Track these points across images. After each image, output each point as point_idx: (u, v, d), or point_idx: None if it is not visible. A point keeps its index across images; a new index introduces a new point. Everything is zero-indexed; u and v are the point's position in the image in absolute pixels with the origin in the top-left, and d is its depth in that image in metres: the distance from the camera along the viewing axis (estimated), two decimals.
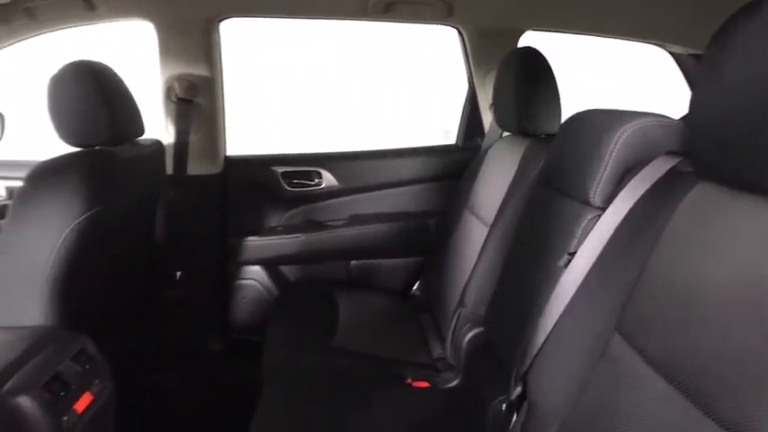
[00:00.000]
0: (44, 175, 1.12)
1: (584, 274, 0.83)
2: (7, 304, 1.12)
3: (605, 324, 0.76)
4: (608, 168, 0.86)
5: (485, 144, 1.70)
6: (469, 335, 1.23)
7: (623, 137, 0.85)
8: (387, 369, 1.32)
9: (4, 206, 1.70)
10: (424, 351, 1.45)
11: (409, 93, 4.58)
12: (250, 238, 1.82)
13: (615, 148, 0.85)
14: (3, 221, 1.12)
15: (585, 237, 0.86)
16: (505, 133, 1.58)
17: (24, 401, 0.92)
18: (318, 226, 1.86)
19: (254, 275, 1.86)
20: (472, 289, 1.27)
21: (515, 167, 1.29)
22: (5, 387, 0.92)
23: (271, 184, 1.83)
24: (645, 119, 0.86)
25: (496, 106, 1.49)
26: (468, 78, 1.86)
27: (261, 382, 1.29)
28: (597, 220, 0.86)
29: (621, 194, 0.83)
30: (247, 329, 1.88)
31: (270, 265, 1.86)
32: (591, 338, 0.79)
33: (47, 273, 1.12)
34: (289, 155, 1.88)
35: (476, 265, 1.28)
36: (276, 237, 1.84)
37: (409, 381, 1.27)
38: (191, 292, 1.79)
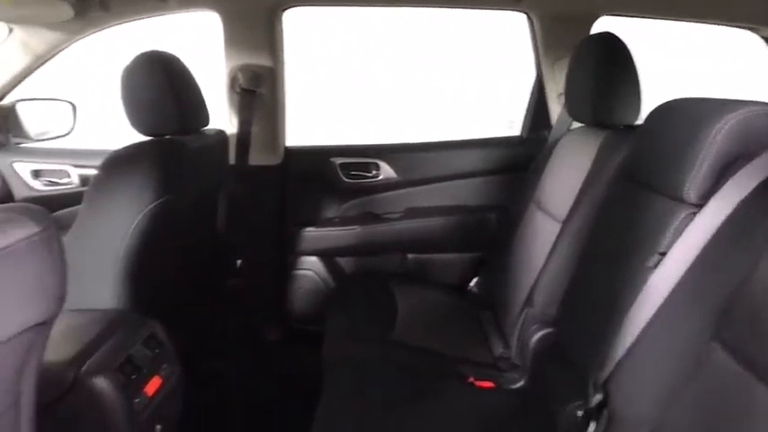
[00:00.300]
0: (117, 164, 1.15)
1: (678, 277, 0.76)
2: (81, 288, 1.16)
3: (701, 331, 0.70)
4: (706, 162, 0.78)
5: (553, 136, 1.63)
6: (538, 335, 1.18)
7: (725, 128, 0.77)
8: (448, 366, 1.29)
9: (78, 193, 1.78)
10: (484, 349, 1.41)
11: (472, 82, 4.42)
12: (308, 228, 1.83)
13: (715, 140, 0.77)
14: (80, 207, 1.16)
15: (678, 236, 0.80)
16: (575, 124, 1.50)
17: (101, 382, 0.94)
18: (375, 218, 1.84)
19: (311, 266, 1.87)
20: (542, 288, 1.21)
21: (590, 160, 1.21)
22: (83, 368, 0.94)
23: (329, 176, 1.83)
24: (749, 108, 0.78)
25: (568, 96, 1.42)
26: (537, 66, 1.78)
27: (319, 373, 1.29)
28: (692, 219, 0.80)
29: (723, 191, 0.76)
30: (304, 319, 1.89)
31: (326, 256, 1.85)
32: (684, 345, 0.73)
33: (119, 258, 1.15)
34: (347, 146, 1.87)
35: (545, 263, 1.22)
36: (333, 228, 1.83)
37: (472, 379, 1.23)
38: (250, 282, 1.81)
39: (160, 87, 1.24)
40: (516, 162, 1.76)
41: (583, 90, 1.29)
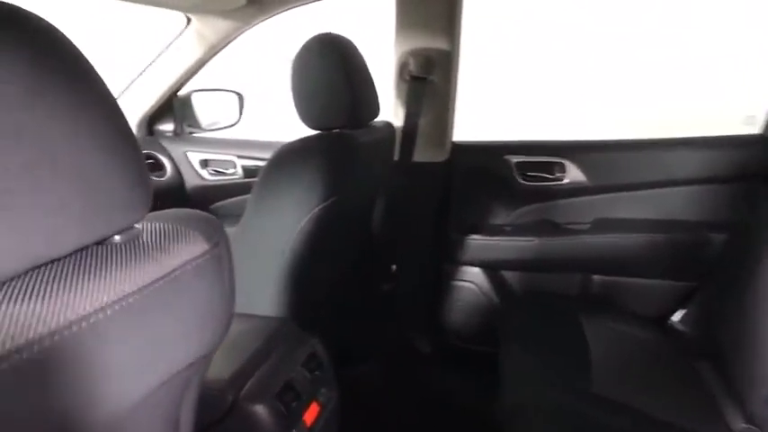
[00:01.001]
0: (284, 161, 1.03)
1: None
2: (243, 290, 1.07)
3: None
4: None
5: None
6: None
7: None
8: None
9: (242, 183, 1.76)
10: (714, 417, 1.07)
11: (700, 70, 3.53)
12: (472, 236, 1.60)
13: None
14: (247, 203, 1.06)
15: None
16: None
17: (260, 410, 0.82)
18: (555, 229, 1.56)
19: (473, 278, 1.64)
20: None
21: None
22: (242, 392, 0.83)
23: (502, 176, 1.58)
24: None
25: None
26: None
27: (470, 393, 1.06)
28: None
29: None
30: (460, 335, 1.69)
31: (492, 268, 1.62)
32: None
33: (282, 262, 1.04)
34: (526, 142, 1.60)
35: None
36: (503, 237, 1.59)
37: None
38: (404, 288, 1.65)
39: (333, 75, 1.10)
40: (755, 168, 1.35)
41: None
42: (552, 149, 1.55)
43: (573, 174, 1.53)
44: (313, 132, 1.12)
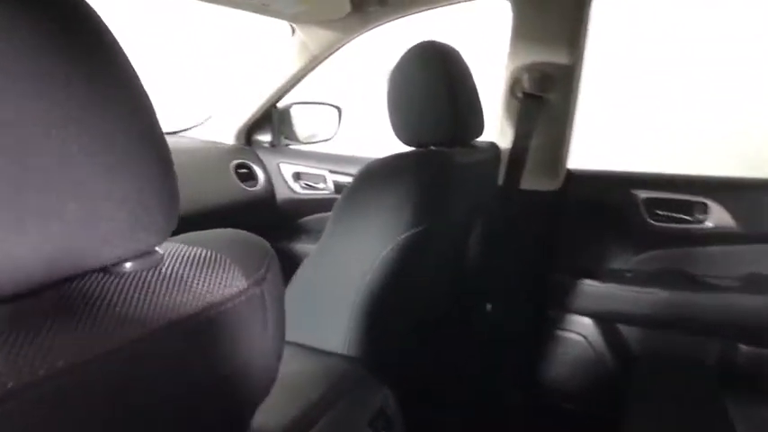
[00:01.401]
0: (372, 177, 0.91)
1: None
2: (313, 317, 0.96)
3: None
4: None
5: None
6: None
7: None
8: None
9: (331, 199, 1.69)
10: None
11: None
12: (585, 280, 1.37)
13: None
14: (328, 222, 0.95)
15: None
16: None
17: None
18: (692, 281, 1.28)
19: (582, 329, 1.41)
20: None
21: None
22: None
23: (625, 213, 1.34)
24: None
25: None
26: None
27: None
28: None
29: None
30: (559, 391, 1.45)
31: (606, 320, 1.37)
32: None
33: (359, 292, 0.91)
34: (658, 175, 1.35)
35: None
36: (623, 285, 1.34)
37: None
38: (497, 331, 1.46)
39: (434, 86, 0.97)
40: None
41: None
42: (692, 186, 1.29)
43: (718, 216, 1.25)
44: (408, 149, 1.00)
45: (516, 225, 1.38)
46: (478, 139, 1.15)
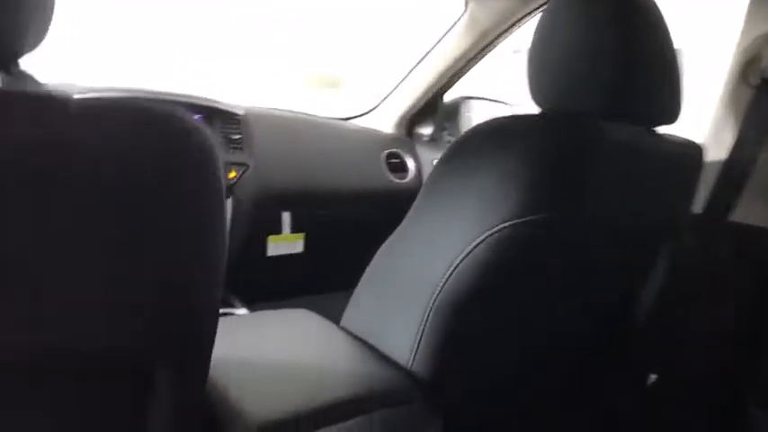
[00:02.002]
0: (476, 144, 0.68)
1: None
2: (383, 317, 0.76)
3: None
4: None
5: None
6: None
7: None
8: None
9: None
10: None
11: None
12: None
13: None
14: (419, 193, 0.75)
15: None
16: None
17: None
18: None
19: None
20: None
21: None
22: None
23: None
24: None
25: None
26: None
27: None
28: None
29: None
30: None
31: None
32: None
33: (435, 295, 0.68)
34: None
35: None
36: None
37: None
38: (666, 416, 1.03)
39: (597, 33, 0.69)
40: None
41: None
42: None
43: None
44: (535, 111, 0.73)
45: (720, 269, 0.96)
46: (671, 134, 0.81)
